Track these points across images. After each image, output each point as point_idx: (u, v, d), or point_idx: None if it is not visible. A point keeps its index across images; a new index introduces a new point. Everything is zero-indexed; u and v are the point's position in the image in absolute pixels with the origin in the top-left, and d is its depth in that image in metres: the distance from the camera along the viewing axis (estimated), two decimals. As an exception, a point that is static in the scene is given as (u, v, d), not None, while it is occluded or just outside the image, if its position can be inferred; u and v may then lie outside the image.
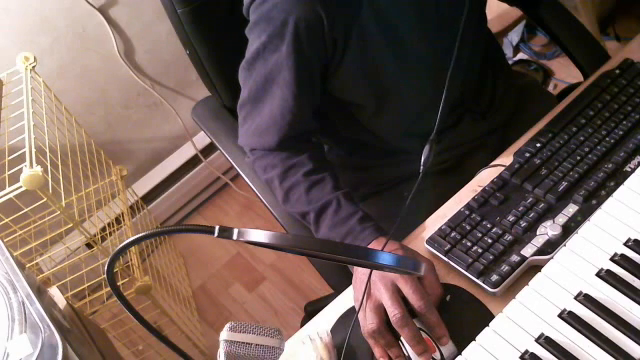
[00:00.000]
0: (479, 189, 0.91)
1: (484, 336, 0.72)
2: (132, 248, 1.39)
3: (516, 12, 1.91)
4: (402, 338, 0.77)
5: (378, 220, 0.91)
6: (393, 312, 0.76)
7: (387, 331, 0.78)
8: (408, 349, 0.76)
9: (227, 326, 0.66)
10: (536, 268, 0.78)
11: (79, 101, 1.69)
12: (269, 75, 0.91)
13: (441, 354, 0.75)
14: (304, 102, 0.93)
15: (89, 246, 1.41)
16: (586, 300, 0.73)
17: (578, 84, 1.11)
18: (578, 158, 0.90)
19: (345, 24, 0.87)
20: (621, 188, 0.82)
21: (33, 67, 1.33)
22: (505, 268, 0.80)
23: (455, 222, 0.87)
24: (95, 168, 1.51)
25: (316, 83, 0.93)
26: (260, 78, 0.92)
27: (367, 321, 0.78)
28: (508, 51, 2.20)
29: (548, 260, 0.78)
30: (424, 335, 0.76)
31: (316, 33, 0.86)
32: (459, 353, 0.72)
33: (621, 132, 0.92)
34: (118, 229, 1.50)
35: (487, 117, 1.11)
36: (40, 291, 0.90)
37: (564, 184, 0.87)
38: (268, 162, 0.98)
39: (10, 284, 0.86)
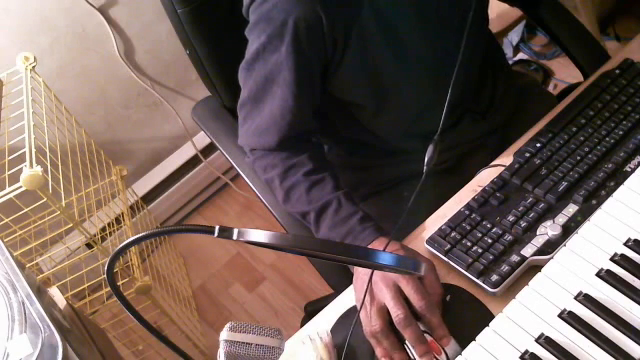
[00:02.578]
0: (479, 189, 0.91)
1: (484, 336, 0.72)
2: (132, 248, 1.39)
3: (516, 12, 1.91)
4: (406, 339, 0.77)
5: (378, 220, 0.91)
6: (396, 313, 0.76)
7: (390, 332, 0.78)
8: (412, 351, 0.76)
9: (227, 326, 0.66)
10: (536, 268, 0.78)
11: (79, 101, 1.69)
12: (269, 75, 0.91)
13: (446, 355, 0.75)
14: (304, 102, 0.93)
15: (89, 246, 1.41)
16: (586, 300, 0.73)
17: (578, 84, 1.11)
18: (578, 158, 0.90)
19: (345, 24, 0.87)
20: (621, 188, 0.82)
21: (33, 67, 1.33)
22: (505, 268, 0.80)
23: (455, 222, 0.87)
24: (95, 168, 1.51)
25: (316, 83, 0.93)
26: (260, 78, 0.92)
27: (370, 322, 0.78)
28: (508, 51, 2.20)
29: (548, 260, 0.78)
30: (430, 338, 0.76)
31: (316, 33, 0.86)
32: (459, 353, 0.72)
33: (621, 132, 0.92)
34: (118, 229, 1.50)
35: (487, 117, 1.11)
36: (40, 291, 0.90)
37: (564, 184, 0.87)
38: (268, 162, 0.98)
39: (10, 284, 0.86)
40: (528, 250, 0.81)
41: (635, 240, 0.77)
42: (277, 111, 0.93)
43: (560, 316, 0.72)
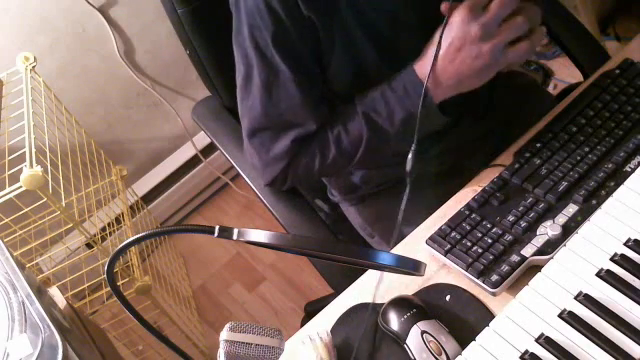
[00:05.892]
0: (479, 189, 0.91)
1: (484, 336, 0.72)
2: (132, 248, 1.39)
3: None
4: (409, 334, 0.76)
5: (378, 220, 0.90)
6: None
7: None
8: (414, 353, 0.76)
9: (227, 326, 0.66)
10: (536, 268, 0.78)
11: (79, 101, 1.69)
12: (268, 78, 0.90)
13: (446, 355, 0.75)
14: (304, 78, 0.91)
15: (89, 246, 1.41)
16: (586, 300, 0.73)
17: (578, 84, 1.11)
18: (578, 158, 0.90)
19: (325, 12, 0.86)
20: (621, 188, 0.82)
21: (33, 67, 1.33)
22: (505, 268, 0.80)
23: (455, 222, 0.87)
24: (95, 168, 1.51)
25: (312, 67, 0.92)
26: (262, 79, 0.91)
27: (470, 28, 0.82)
28: (508, 51, 2.19)
29: (548, 260, 0.78)
30: (430, 339, 0.76)
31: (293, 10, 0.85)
32: (459, 353, 0.72)
33: (621, 132, 0.92)
34: (118, 229, 1.50)
35: (486, 117, 1.10)
36: (40, 291, 0.90)
37: (564, 184, 0.87)
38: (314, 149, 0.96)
39: (10, 284, 0.86)
40: (528, 250, 0.81)
41: (635, 240, 0.77)
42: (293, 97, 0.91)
43: (560, 316, 0.72)
